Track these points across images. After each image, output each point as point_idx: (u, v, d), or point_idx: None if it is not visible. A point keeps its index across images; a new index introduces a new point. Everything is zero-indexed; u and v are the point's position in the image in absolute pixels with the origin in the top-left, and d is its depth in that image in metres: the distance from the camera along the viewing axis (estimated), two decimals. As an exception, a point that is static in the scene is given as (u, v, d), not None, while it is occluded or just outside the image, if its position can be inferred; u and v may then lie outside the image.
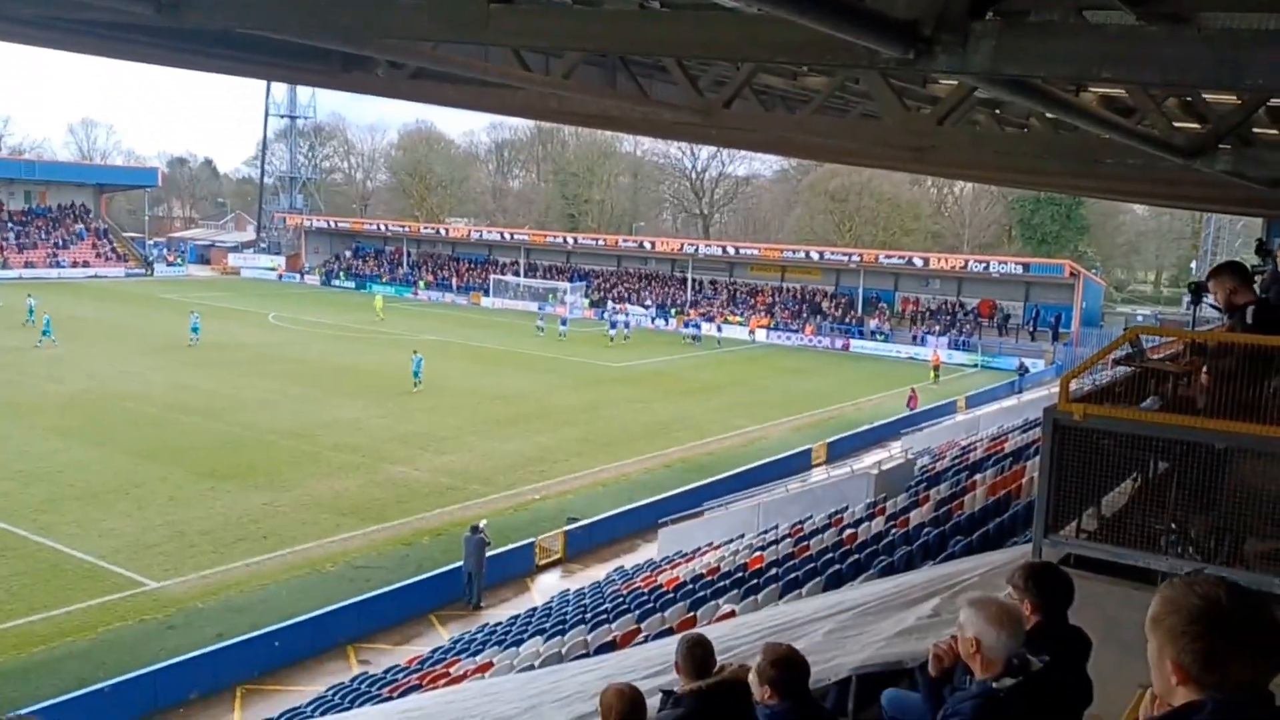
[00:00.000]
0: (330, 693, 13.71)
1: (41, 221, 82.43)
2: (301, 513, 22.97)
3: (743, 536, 19.70)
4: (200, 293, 69.88)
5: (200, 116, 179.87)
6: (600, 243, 76.17)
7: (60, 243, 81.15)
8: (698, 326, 59.60)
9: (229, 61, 13.43)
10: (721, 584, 14.25)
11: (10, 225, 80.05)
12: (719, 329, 59.60)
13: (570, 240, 77.41)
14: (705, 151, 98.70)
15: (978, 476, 17.14)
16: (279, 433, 30.06)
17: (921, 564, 11.13)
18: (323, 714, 12.01)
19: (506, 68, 13.01)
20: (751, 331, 60.72)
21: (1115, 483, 6.10)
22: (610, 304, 68.60)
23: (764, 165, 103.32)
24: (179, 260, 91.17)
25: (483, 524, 19.73)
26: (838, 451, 31.06)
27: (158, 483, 24.45)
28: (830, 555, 14.12)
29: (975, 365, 53.80)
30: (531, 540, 21.55)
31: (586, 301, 69.90)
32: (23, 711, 11.80)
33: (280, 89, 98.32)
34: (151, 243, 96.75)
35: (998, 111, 15.42)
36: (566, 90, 14.00)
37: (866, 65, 5.97)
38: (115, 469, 25.40)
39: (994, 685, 3.45)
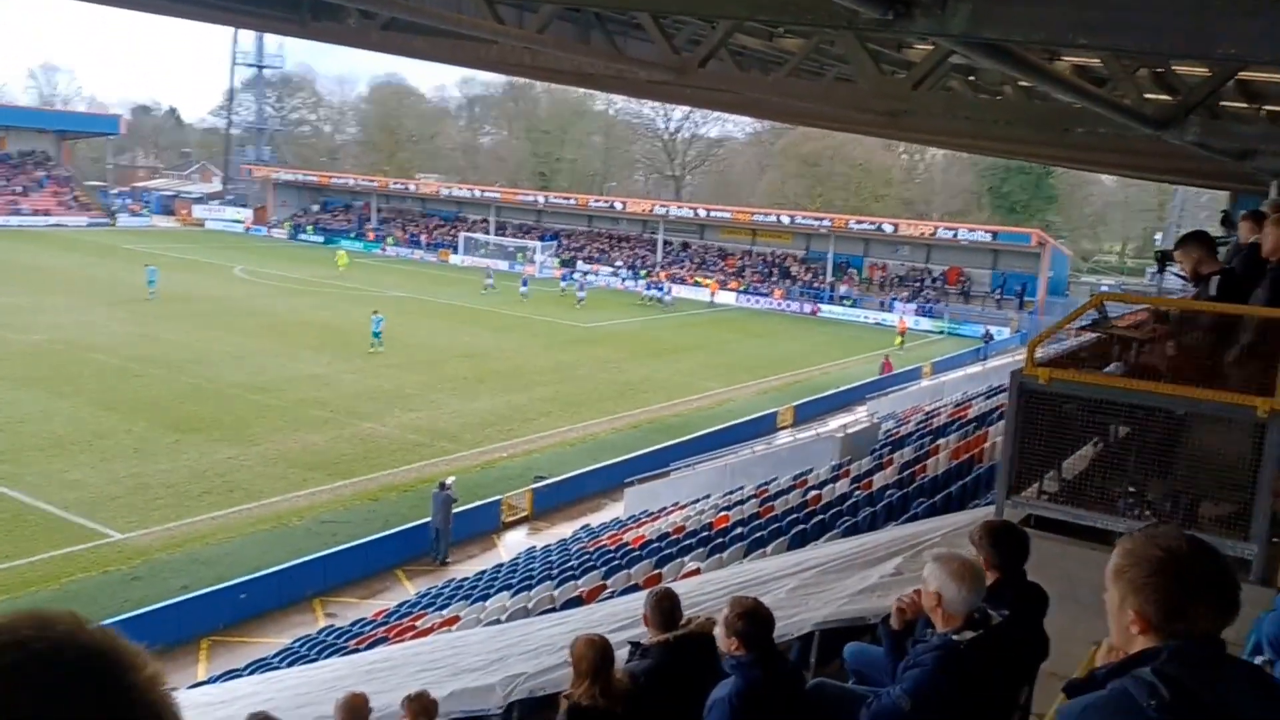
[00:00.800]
0: (297, 645, 13.76)
1: (1, 168, 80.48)
2: (268, 467, 22.87)
3: (708, 497, 19.90)
4: (165, 244, 68.76)
5: (164, 64, 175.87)
6: (571, 202, 75.72)
7: (21, 190, 79.32)
8: (660, 289, 59.33)
9: (193, 6, 13.17)
10: (687, 542, 14.41)
11: (-33, 171, 78.12)
12: (666, 289, 59.16)
13: (541, 199, 76.86)
14: (678, 112, 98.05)
15: (941, 441, 17.40)
16: (246, 387, 29.81)
17: (885, 525, 11.33)
18: (289, 665, 12.06)
19: (480, 20, 12.84)
20: (712, 294, 60.61)
21: (1077, 446, 6.23)
22: (580, 264, 68.36)
23: (737, 128, 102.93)
24: (143, 211, 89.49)
25: (450, 481, 19.74)
26: (804, 415, 31.35)
27: (122, 435, 24.20)
28: (795, 515, 14.31)
29: (941, 332, 54.32)
30: (498, 498, 21.63)
31: (556, 261, 69.55)
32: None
33: (247, 37, 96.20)
34: (115, 192, 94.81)
35: (972, 78, 15.46)
36: (540, 45, 13.86)
37: (845, 26, 5.98)
38: (79, 420, 25.10)
39: (954, 637, 3.54)
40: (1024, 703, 4.07)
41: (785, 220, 66.13)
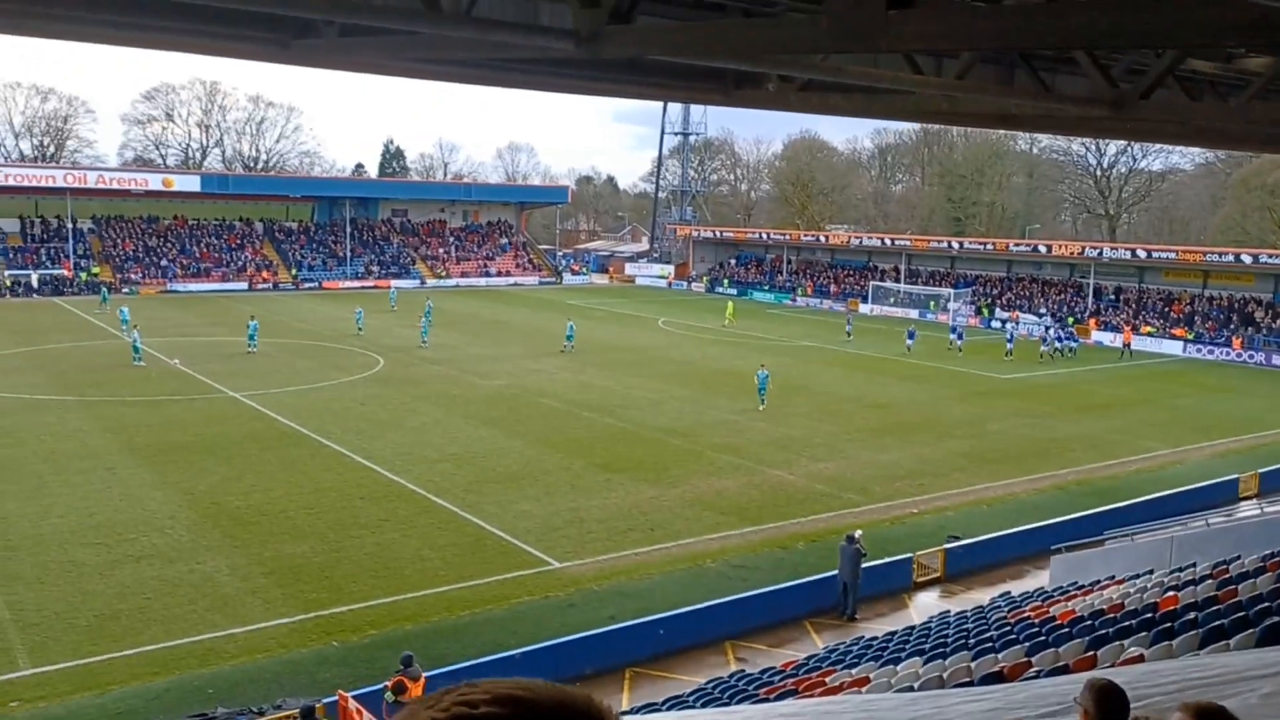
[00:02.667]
0: (709, 685, 14.24)
1: (474, 236, 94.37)
2: (685, 509, 24.15)
3: (1151, 572, 17.69)
4: (600, 299, 76.12)
5: (604, 137, 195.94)
6: (989, 247, 72.26)
7: (489, 255, 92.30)
8: (1074, 339, 54.09)
9: (634, 86, 14.50)
10: (1126, 623, 12.89)
11: (452, 240, 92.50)
12: (1064, 337, 53.49)
13: (955, 245, 74.25)
14: (1113, 146, 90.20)
15: None
16: (665, 431, 31.85)
17: (1392, 628, 9.32)
18: (702, 705, 12.53)
19: (896, 72, 12.78)
20: (1126, 343, 54.19)
21: None
22: (999, 311, 64.89)
23: (1183, 158, 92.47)
24: (583, 270, 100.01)
25: (858, 534, 19.47)
26: (1273, 484, 26.90)
27: (561, 471, 26.93)
28: (1266, 604, 12.24)
29: None
30: (909, 555, 20.93)
31: (973, 309, 66.69)
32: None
33: (675, 108, 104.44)
34: (561, 253, 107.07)
35: None
36: (960, 91, 13.47)
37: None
38: (527, 457, 28.35)
39: None
40: None
41: (1246, 259, 57.70)
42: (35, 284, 69.97)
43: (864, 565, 19.13)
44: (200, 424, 31.25)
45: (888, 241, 78.59)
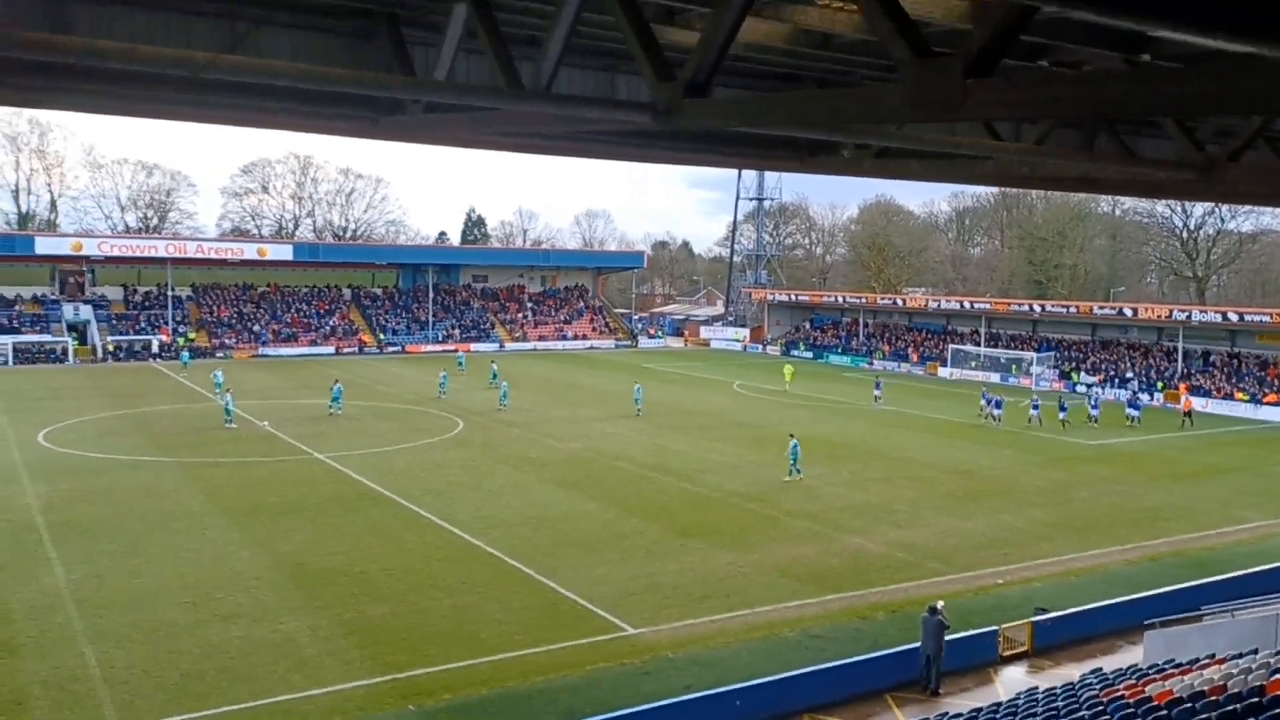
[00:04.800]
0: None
1: (552, 301, 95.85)
2: (761, 575, 23.80)
3: (1256, 652, 16.80)
4: (675, 363, 76.32)
5: (679, 203, 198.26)
6: (1071, 309, 70.71)
7: (565, 319, 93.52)
8: (1136, 406, 51.52)
9: (710, 155, 14.75)
10: (1230, 707, 12.26)
11: (530, 305, 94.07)
12: (1131, 403, 51.05)
13: (1037, 308, 72.82)
14: (1200, 207, 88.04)
15: None
16: (741, 496, 31.56)
17: None
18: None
19: (974, 139, 12.78)
20: (1186, 413, 50.79)
21: None
22: (1084, 375, 63.19)
23: (1275, 219, 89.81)
24: (659, 333, 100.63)
25: (940, 605, 18.92)
26: (1388, 559, 25.43)
27: (638, 536, 26.82)
28: (1382, 689, 11.55)
29: None
30: (994, 628, 20.24)
31: (1056, 373, 65.14)
32: None
33: (749, 174, 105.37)
34: (636, 317, 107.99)
35: None
36: (1039, 156, 13.40)
37: None
38: (604, 521, 28.34)
39: None
40: None
41: (1347, 321, 55.46)
42: (155, 349, 73.24)
43: (947, 638, 18.55)
44: (286, 485, 32.03)
45: (966, 304, 77.49)
